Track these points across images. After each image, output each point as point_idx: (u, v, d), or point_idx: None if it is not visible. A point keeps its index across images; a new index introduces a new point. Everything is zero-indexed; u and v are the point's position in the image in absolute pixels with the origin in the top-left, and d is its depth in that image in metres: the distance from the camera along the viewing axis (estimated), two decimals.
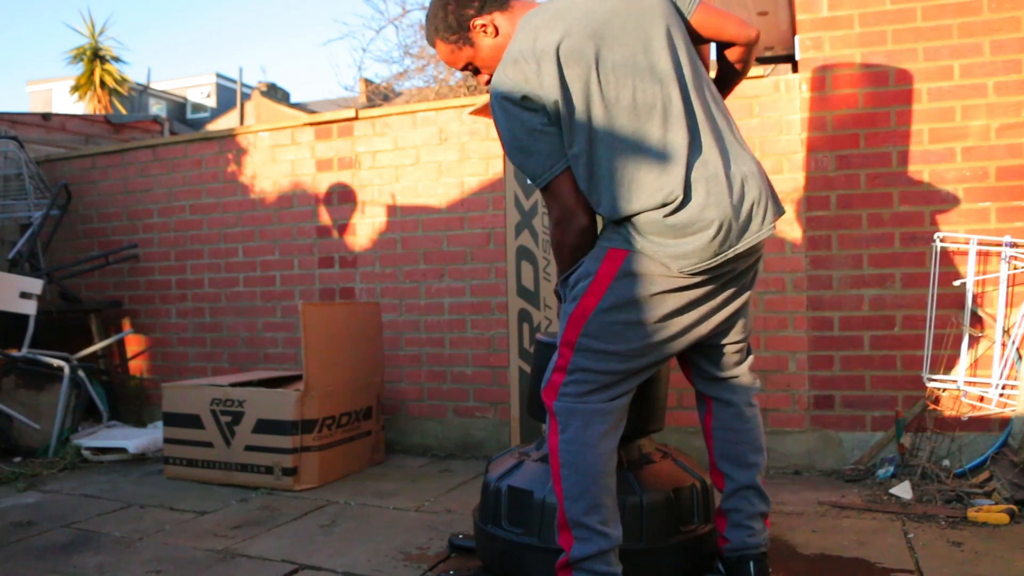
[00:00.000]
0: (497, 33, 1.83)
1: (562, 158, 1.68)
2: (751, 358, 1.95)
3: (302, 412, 3.11)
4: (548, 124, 1.67)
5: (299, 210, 4.11)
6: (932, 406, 2.99)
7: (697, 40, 1.80)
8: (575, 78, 1.65)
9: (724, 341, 1.85)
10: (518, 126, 1.68)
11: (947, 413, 2.98)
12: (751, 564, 1.87)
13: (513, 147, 1.72)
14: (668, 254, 1.63)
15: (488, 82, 1.90)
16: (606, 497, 1.70)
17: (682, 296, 1.68)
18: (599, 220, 1.77)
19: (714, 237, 1.61)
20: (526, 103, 1.67)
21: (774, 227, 1.70)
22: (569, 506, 1.70)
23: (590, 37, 1.66)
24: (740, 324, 1.85)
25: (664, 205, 1.61)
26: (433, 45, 1.91)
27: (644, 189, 1.62)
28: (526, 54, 1.68)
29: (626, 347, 1.69)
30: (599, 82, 1.65)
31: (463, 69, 1.93)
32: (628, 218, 1.65)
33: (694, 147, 1.65)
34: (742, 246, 1.65)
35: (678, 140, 1.64)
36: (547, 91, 1.65)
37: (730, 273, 1.72)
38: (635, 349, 1.69)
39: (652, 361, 1.74)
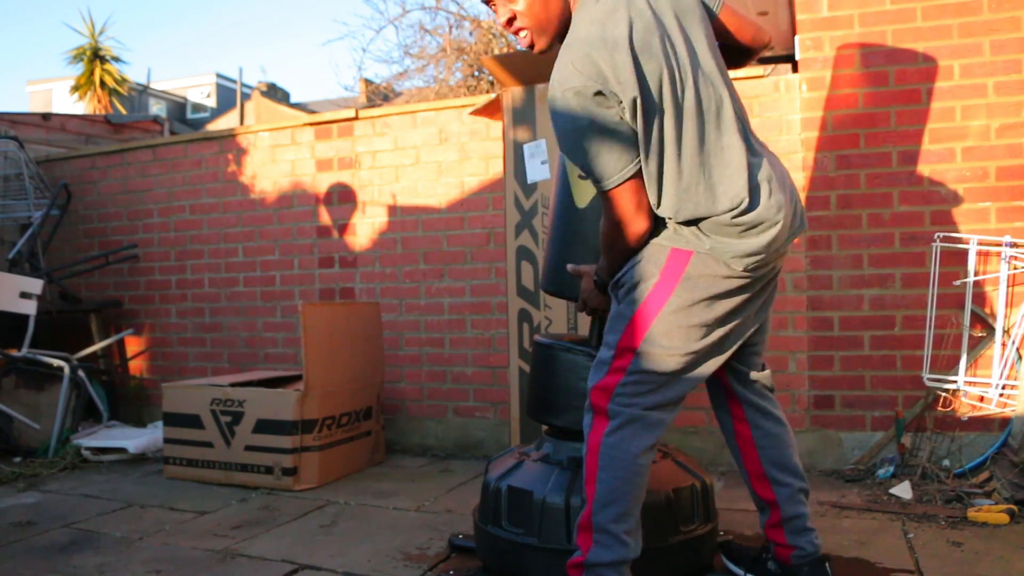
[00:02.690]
0: None
1: (632, 160, 1.58)
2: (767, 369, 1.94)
3: (302, 412, 3.11)
4: (620, 123, 1.56)
5: (299, 210, 4.11)
6: (932, 406, 2.99)
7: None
8: (651, 73, 1.56)
9: (756, 339, 1.84)
10: (588, 124, 1.56)
11: (947, 413, 2.98)
12: (827, 565, 1.87)
13: (577, 147, 1.59)
14: (734, 252, 1.61)
15: (529, 44, 1.75)
16: (635, 507, 1.69)
17: (738, 298, 1.67)
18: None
19: (778, 234, 1.62)
20: (600, 100, 1.54)
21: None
22: (598, 510, 1.67)
23: (655, 32, 1.59)
24: (767, 321, 1.86)
25: (731, 209, 1.58)
26: None
27: (712, 193, 1.59)
28: (597, 44, 1.55)
29: (687, 348, 1.66)
30: (671, 80, 1.58)
31: (509, 22, 1.73)
32: (694, 220, 1.62)
33: (747, 150, 1.64)
34: (792, 238, 1.69)
35: (735, 142, 1.62)
36: (625, 86, 1.54)
37: (773, 271, 1.73)
38: (696, 351, 1.67)
39: (707, 361, 1.71)
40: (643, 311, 1.65)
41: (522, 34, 1.74)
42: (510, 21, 1.72)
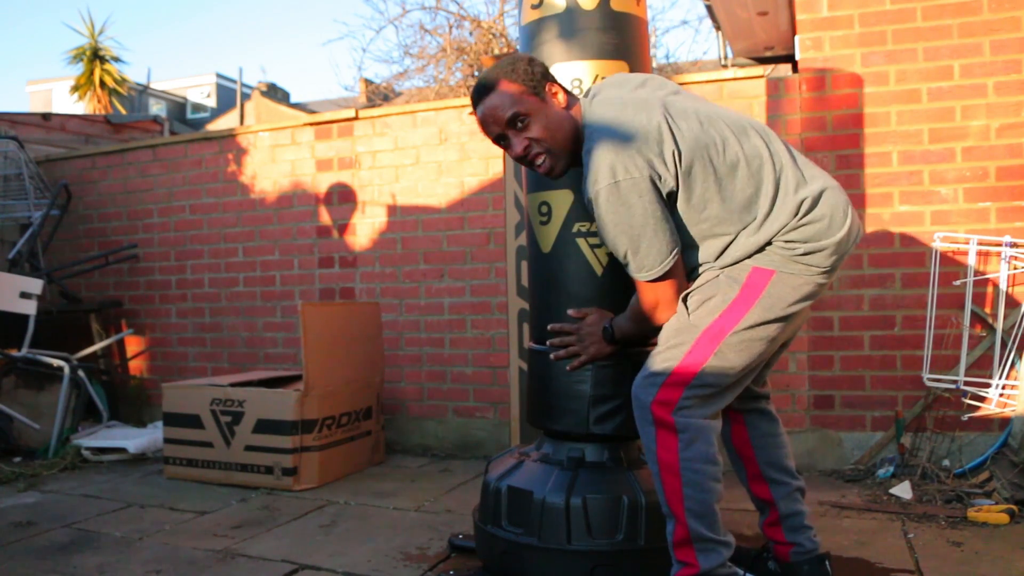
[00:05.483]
0: (563, 108, 1.76)
1: (674, 250, 1.66)
2: None
3: (302, 412, 3.11)
4: (666, 207, 1.65)
5: (299, 210, 4.11)
6: (932, 406, 2.99)
7: None
8: (690, 138, 1.64)
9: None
10: (640, 214, 1.62)
11: (947, 413, 2.98)
12: (826, 564, 1.89)
13: (619, 239, 1.65)
14: (828, 248, 1.64)
15: (548, 170, 1.77)
16: (718, 508, 1.72)
17: (804, 304, 1.70)
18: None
19: (849, 225, 1.66)
20: (654, 187, 1.63)
21: None
22: (694, 524, 1.68)
23: (672, 105, 1.70)
24: None
25: (801, 204, 1.64)
26: (494, 86, 1.75)
27: (783, 199, 1.65)
28: (632, 132, 1.64)
29: (752, 359, 1.70)
30: (709, 137, 1.66)
31: (499, 136, 1.77)
32: (774, 236, 1.66)
33: (796, 166, 1.73)
34: (854, 244, 1.72)
35: (782, 152, 1.72)
36: (670, 167, 1.63)
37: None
38: (757, 355, 1.70)
39: (759, 363, 1.76)
40: (718, 324, 1.67)
41: (540, 161, 1.77)
42: (526, 150, 1.75)
